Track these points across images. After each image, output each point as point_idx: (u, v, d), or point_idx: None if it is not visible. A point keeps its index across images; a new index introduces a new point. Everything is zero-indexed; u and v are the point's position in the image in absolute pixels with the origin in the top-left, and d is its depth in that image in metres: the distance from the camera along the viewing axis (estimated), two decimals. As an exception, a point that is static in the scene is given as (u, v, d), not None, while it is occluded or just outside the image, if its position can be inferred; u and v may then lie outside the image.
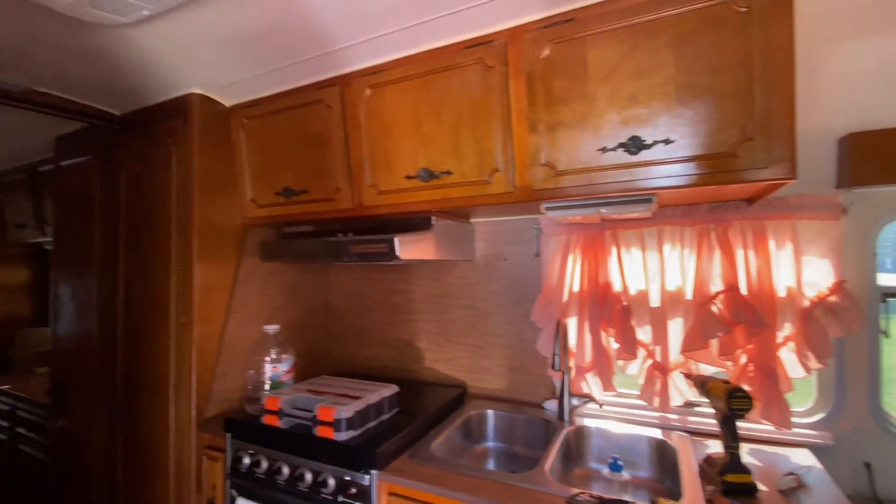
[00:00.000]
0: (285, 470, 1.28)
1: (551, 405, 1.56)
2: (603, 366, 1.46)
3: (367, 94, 1.37)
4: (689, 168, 1.01)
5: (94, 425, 1.78)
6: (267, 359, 1.50)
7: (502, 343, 1.69)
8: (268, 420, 1.35)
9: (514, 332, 1.66)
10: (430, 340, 1.84)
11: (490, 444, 1.56)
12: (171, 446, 1.54)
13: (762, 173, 0.95)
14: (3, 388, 2.50)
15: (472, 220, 1.73)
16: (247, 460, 1.36)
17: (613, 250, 1.45)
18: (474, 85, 1.21)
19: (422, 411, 1.46)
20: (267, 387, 1.48)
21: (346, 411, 1.25)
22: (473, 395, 1.72)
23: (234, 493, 1.36)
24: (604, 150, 1.07)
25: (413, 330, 1.89)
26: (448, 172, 1.27)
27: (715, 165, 0.98)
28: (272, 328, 1.53)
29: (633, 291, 1.43)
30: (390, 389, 1.44)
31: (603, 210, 1.16)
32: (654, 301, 1.40)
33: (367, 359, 2.01)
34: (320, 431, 1.25)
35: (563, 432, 1.37)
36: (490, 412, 1.57)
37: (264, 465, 1.32)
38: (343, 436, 1.24)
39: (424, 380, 1.84)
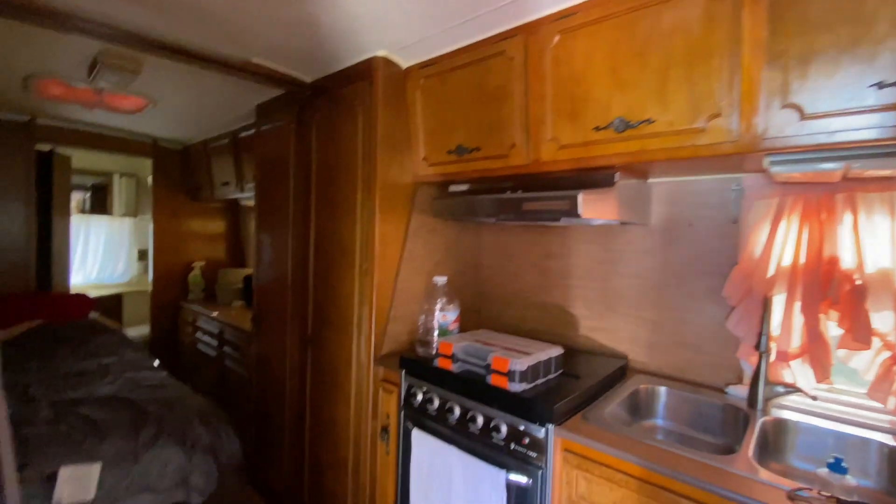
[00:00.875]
0: (457, 410, 1.37)
1: (737, 391, 1.39)
2: (818, 353, 1.24)
3: (555, 40, 1.30)
4: None
5: (287, 351, 2.12)
6: (436, 307, 1.59)
7: (677, 317, 1.54)
8: (441, 363, 1.44)
9: (695, 307, 1.50)
10: (588, 308, 1.77)
11: (659, 421, 1.46)
12: (352, 375, 1.75)
13: None
14: (213, 314, 3.12)
15: (651, 179, 1.58)
16: (420, 396, 1.48)
17: (847, 217, 1.19)
18: (692, 18, 1.05)
19: (587, 376, 1.42)
20: (436, 333, 1.58)
21: (521, 364, 1.27)
22: (636, 370, 1.62)
23: (410, 424, 1.50)
24: (880, 85, 0.86)
25: (568, 295, 1.83)
26: (648, 121, 1.15)
27: None
28: (441, 279, 1.62)
29: (870, 269, 1.17)
30: (556, 350, 1.43)
31: (859, 164, 0.94)
32: (905, 282, 1.13)
33: (515, 319, 2.02)
34: (494, 380, 1.29)
35: (759, 422, 1.21)
36: (663, 389, 1.46)
37: (436, 402, 1.43)
38: (516, 387, 1.26)
39: (578, 347, 1.79)
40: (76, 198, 4.79)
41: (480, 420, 1.31)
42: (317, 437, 1.95)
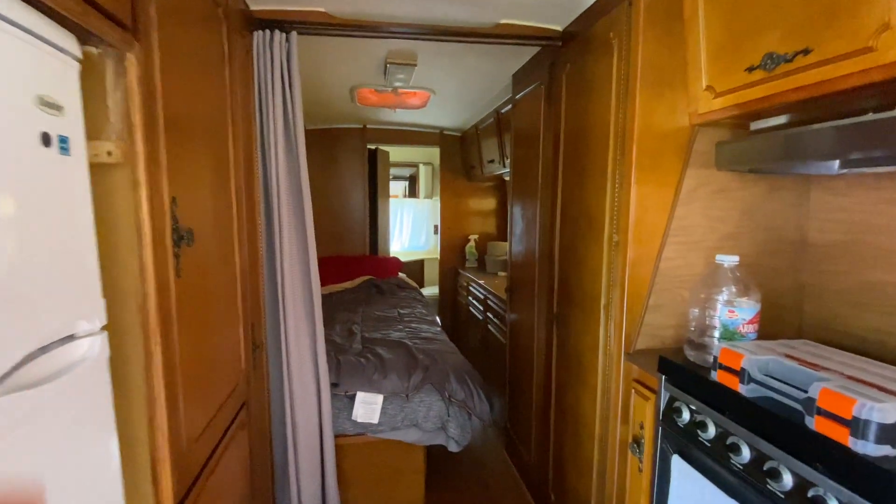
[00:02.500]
0: (745, 451, 0.93)
1: None
2: None
3: None
4: None
5: (535, 326, 2.04)
6: (719, 298, 1.13)
7: None
8: (722, 378, 1.01)
9: None
10: None
11: None
12: (598, 365, 1.50)
13: None
14: (480, 282, 3.41)
15: None
16: (686, 415, 1.10)
17: None
18: None
19: None
20: (716, 334, 1.14)
21: (884, 412, 0.72)
22: None
23: (669, 446, 1.15)
24: None
25: None
26: None
27: None
28: (730, 260, 1.14)
29: None
30: (978, 400, 0.76)
31: None
32: None
33: (872, 330, 1.25)
34: (821, 426, 0.79)
35: None
36: None
37: (711, 430, 1.02)
38: (868, 448, 0.73)
39: None
40: (400, 185, 6.24)
41: (788, 479, 0.84)
42: (560, 423, 1.80)
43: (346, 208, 4.03)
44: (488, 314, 3.20)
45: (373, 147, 4.17)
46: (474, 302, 3.59)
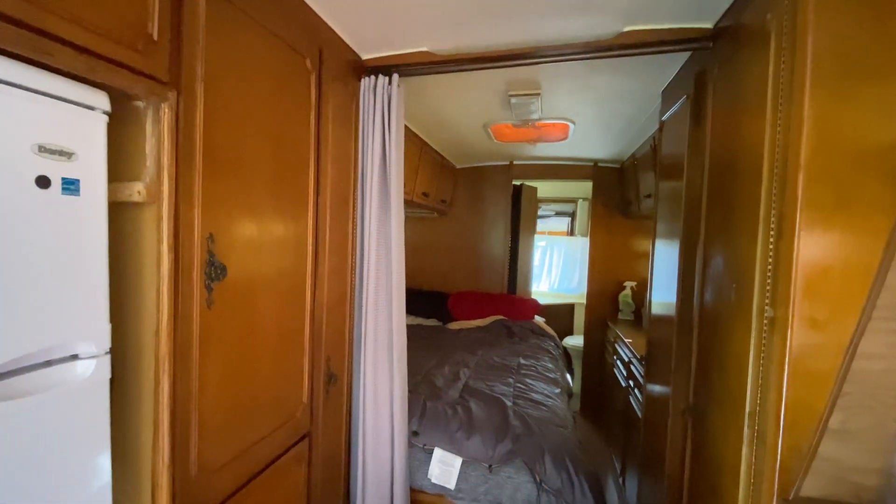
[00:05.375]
0: None
1: None
2: None
3: None
4: None
5: (671, 412, 1.53)
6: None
7: None
8: None
9: None
10: None
11: None
12: (739, 495, 0.99)
13: None
14: (627, 340, 2.84)
15: None
16: None
17: None
18: None
19: None
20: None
21: None
22: None
23: None
24: None
25: None
26: None
27: None
28: None
29: None
30: None
31: None
32: None
33: None
34: None
35: None
36: None
37: None
38: None
39: None
40: (565, 222, 5.93)
41: None
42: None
43: (487, 245, 3.99)
44: (630, 381, 2.62)
45: (518, 183, 4.06)
46: (618, 363, 3.01)
